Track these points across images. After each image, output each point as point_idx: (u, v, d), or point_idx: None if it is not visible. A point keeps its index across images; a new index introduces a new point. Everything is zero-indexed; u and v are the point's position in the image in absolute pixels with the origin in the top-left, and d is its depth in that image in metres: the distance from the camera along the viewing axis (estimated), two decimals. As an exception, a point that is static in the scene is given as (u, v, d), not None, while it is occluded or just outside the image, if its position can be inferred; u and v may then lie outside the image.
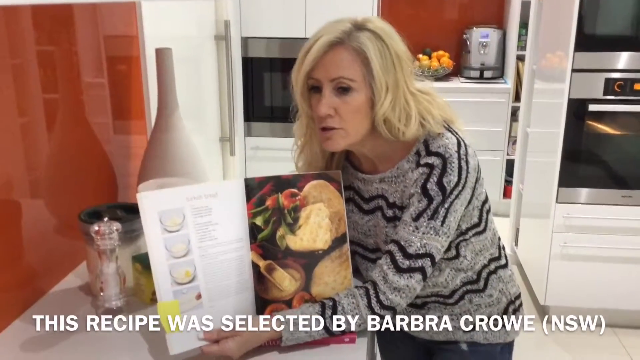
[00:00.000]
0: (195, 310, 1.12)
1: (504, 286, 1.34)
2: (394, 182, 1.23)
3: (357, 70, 1.12)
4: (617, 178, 2.72)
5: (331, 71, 1.13)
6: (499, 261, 1.34)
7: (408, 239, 1.16)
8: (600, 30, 2.57)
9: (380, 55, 1.11)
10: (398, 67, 1.13)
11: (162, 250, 1.09)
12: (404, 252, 1.16)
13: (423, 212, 1.15)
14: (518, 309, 1.38)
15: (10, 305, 1.24)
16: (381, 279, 1.16)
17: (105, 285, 1.22)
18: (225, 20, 2.69)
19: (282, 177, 1.20)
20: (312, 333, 1.13)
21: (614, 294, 2.80)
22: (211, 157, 2.77)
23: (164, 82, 1.55)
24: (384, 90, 1.12)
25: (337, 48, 1.12)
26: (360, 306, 1.15)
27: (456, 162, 1.15)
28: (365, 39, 1.11)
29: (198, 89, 2.61)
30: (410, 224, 1.16)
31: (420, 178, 1.16)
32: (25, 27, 1.29)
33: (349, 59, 1.12)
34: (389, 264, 1.16)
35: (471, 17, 4.35)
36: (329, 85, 1.14)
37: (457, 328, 1.32)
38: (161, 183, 1.47)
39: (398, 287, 1.16)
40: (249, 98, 3.62)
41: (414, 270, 1.16)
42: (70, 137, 1.49)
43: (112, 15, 1.67)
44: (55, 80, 1.42)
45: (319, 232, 1.20)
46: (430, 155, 1.16)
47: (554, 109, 2.73)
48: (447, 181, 1.14)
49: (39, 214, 1.38)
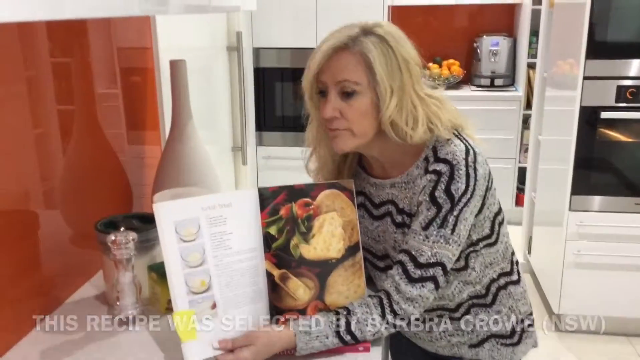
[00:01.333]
0: (210, 319, 1.13)
1: (514, 303, 1.32)
2: (404, 187, 1.23)
3: (362, 73, 1.13)
4: (630, 185, 2.70)
5: (336, 74, 1.14)
6: (510, 277, 1.32)
7: (419, 248, 1.16)
8: (612, 37, 2.56)
9: (385, 59, 1.12)
10: (405, 71, 1.14)
11: (178, 259, 1.10)
12: (415, 261, 1.16)
13: (432, 221, 1.15)
14: (527, 328, 1.35)
15: (27, 315, 1.26)
16: (394, 290, 1.16)
17: (121, 294, 1.23)
18: (237, 32, 2.72)
19: (295, 187, 1.21)
20: (326, 343, 1.13)
21: (628, 302, 2.77)
22: (223, 167, 2.79)
23: (178, 93, 1.56)
24: (388, 94, 1.13)
25: (342, 53, 1.14)
26: (374, 316, 1.15)
27: (464, 169, 1.14)
28: (369, 43, 1.12)
29: (210, 99, 2.63)
30: (420, 233, 1.16)
31: (429, 185, 1.16)
32: (39, 38, 1.31)
33: (354, 63, 1.13)
34: (401, 274, 1.16)
35: (481, 25, 4.35)
36: (334, 88, 1.15)
37: (461, 343, 1.31)
38: (176, 193, 1.48)
39: (411, 297, 1.15)
40: (260, 108, 3.64)
41: (426, 280, 1.15)
42: (85, 147, 1.50)
43: (126, 27, 1.69)
44: (70, 91, 1.44)
45: (332, 241, 1.21)
46: (438, 162, 1.16)
47: (565, 117, 2.73)
48: (455, 189, 1.14)
49: (55, 224, 1.39)
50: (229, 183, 2.87)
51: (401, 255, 1.18)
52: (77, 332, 1.23)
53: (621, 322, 2.85)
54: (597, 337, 2.86)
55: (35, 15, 0.70)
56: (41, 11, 0.71)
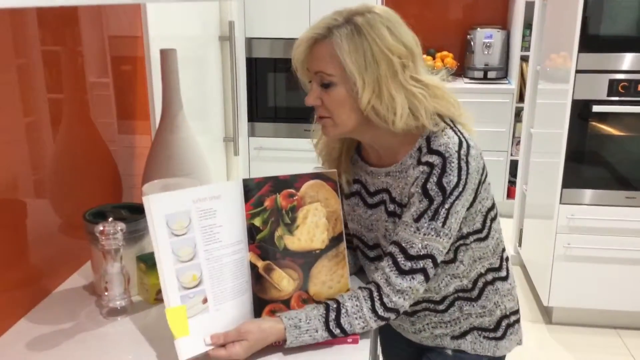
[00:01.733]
0: (201, 314, 1.12)
1: (500, 299, 1.32)
2: (397, 177, 1.23)
3: (336, 65, 1.13)
4: (621, 179, 2.71)
5: (313, 65, 1.17)
6: (499, 272, 1.32)
7: (409, 240, 1.16)
8: (605, 31, 2.57)
9: (357, 52, 1.11)
10: (382, 62, 1.12)
11: (169, 254, 1.09)
12: (406, 253, 1.16)
13: (424, 213, 1.15)
14: (513, 324, 1.35)
15: (15, 305, 1.25)
16: (384, 282, 1.17)
17: (109, 285, 1.23)
18: (230, 21, 2.70)
19: (279, 178, 1.20)
20: (315, 336, 1.13)
21: (617, 295, 2.80)
22: (215, 157, 2.78)
23: (169, 83, 1.55)
24: (360, 85, 1.13)
25: (318, 44, 1.15)
26: (363, 309, 1.15)
27: (456, 162, 1.14)
28: (342, 37, 1.12)
29: (202, 89, 2.62)
30: (412, 225, 1.16)
31: (421, 177, 1.16)
32: (30, 27, 1.30)
33: (328, 55, 1.14)
34: (391, 266, 1.16)
35: (475, 18, 4.35)
36: (314, 77, 1.18)
37: (444, 335, 1.32)
38: (166, 183, 1.47)
39: (401, 290, 1.16)
40: (252, 98, 3.63)
41: (416, 272, 1.16)
42: (75, 136, 1.49)
43: (117, 15, 1.67)
44: (60, 80, 1.43)
45: (316, 232, 1.21)
46: (431, 154, 1.16)
47: (557, 110, 2.73)
48: (447, 181, 1.14)
49: (43, 213, 1.38)
50: (220, 174, 2.86)
51: (391, 247, 1.18)
52: (65, 323, 1.23)
53: (610, 315, 2.88)
54: (586, 330, 2.88)
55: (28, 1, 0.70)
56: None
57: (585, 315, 2.90)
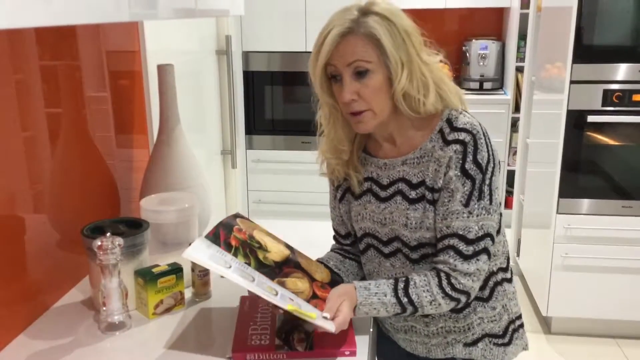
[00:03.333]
0: (301, 308, 1.16)
1: (508, 302, 1.34)
2: (417, 162, 1.24)
3: (371, 52, 1.16)
4: (617, 188, 2.72)
5: (347, 57, 1.16)
6: (505, 273, 1.34)
7: (465, 226, 1.18)
8: (599, 41, 2.59)
9: (390, 34, 1.16)
10: (408, 42, 1.17)
11: (240, 279, 1.13)
12: (465, 239, 1.19)
13: (471, 195, 1.18)
14: (517, 329, 1.37)
15: (14, 320, 1.25)
16: (449, 270, 1.20)
17: (107, 299, 1.23)
18: (227, 35, 2.72)
19: (222, 222, 1.26)
20: (384, 300, 1.19)
21: (615, 304, 2.80)
22: (213, 170, 2.79)
23: (166, 98, 1.57)
24: (399, 67, 1.16)
25: (349, 37, 1.16)
26: (431, 284, 1.19)
27: (483, 138, 1.19)
28: (373, 22, 1.15)
29: (200, 102, 2.63)
30: (463, 212, 1.18)
31: (456, 158, 1.18)
32: (28, 42, 1.31)
33: (362, 44, 1.16)
34: (455, 256, 1.19)
35: (470, 29, 4.38)
36: (347, 71, 1.17)
37: (457, 341, 1.31)
38: (163, 197, 1.48)
39: (469, 273, 1.19)
40: (250, 111, 3.64)
41: (480, 253, 1.19)
42: (73, 151, 1.50)
43: (114, 31, 1.69)
44: (58, 94, 1.44)
45: (275, 244, 1.28)
46: (458, 131, 1.19)
47: (553, 120, 2.75)
48: (481, 158, 1.18)
49: (42, 228, 1.38)
50: (218, 187, 2.87)
51: (448, 240, 1.20)
52: (63, 338, 1.23)
53: (609, 325, 2.87)
54: (586, 340, 2.88)
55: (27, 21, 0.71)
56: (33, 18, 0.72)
57: (584, 324, 2.89)
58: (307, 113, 1.30)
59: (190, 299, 1.39)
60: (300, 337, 1.19)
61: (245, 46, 3.51)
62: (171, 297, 1.32)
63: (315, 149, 1.36)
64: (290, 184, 3.70)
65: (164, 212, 1.40)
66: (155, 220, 1.39)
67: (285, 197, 3.73)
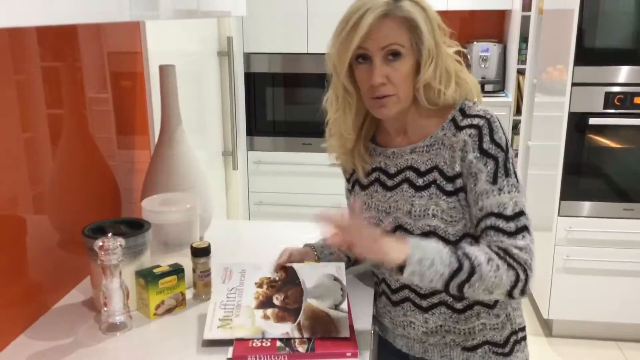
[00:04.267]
0: None
1: (512, 312, 1.32)
2: (427, 150, 1.24)
3: (406, 37, 1.17)
4: (619, 191, 2.72)
5: (381, 41, 1.16)
6: None
7: (500, 202, 1.14)
8: (600, 44, 2.59)
9: (424, 20, 1.17)
10: (437, 31, 1.19)
11: None
12: (503, 216, 1.14)
13: (497, 173, 1.16)
14: (520, 341, 1.34)
15: (15, 321, 1.25)
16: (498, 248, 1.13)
17: (108, 300, 1.22)
18: (228, 37, 2.72)
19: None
20: (442, 254, 1.11)
21: (617, 307, 2.79)
22: (214, 172, 2.78)
23: (167, 98, 1.56)
24: (431, 54, 1.17)
25: (385, 20, 1.16)
26: (483, 247, 1.14)
27: (498, 122, 1.19)
28: (409, 7, 1.16)
29: (201, 104, 2.63)
30: (493, 189, 1.15)
31: (472, 141, 1.17)
32: (29, 43, 1.31)
33: (398, 27, 1.16)
34: (498, 234, 1.14)
35: (472, 32, 4.38)
36: (378, 54, 1.17)
37: (455, 344, 1.30)
38: (165, 198, 1.48)
39: (519, 246, 1.13)
40: (251, 113, 3.64)
41: (522, 230, 1.14)
42: (74, 152, 1.50)
43: (116, 31, 1.69)
44: (60, 95, 1.43)
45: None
46: (471, 117, 1.19)
47: (554, 123, 2.74)
48: (499, 138, 1.17)
49: (43, 229, 1.38)
50: (219, 188, 2.87)
51: (485, 221, 1.15)
52: (64, 339, 1.23)
53: (610, 327, 2.87)
54: (587, 342, 2.88)
55: (28, 20, 0.71)
56: (34, 17, 0.72)
57: (585, 327, 2.89)
58: (308, 115, 1.31)
59: (191, 299, 1.38)
60: (301, 340, 1.18)
61: (247, 47, 3.51)
62: (172, 298, 1.32)
63: (317, 150, 1.36)
64: (292, 186, 3.69)
65: (166, 212, 1.40)
66: (157, 220, 1.39)
67: (286, 199, 3.73)
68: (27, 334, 1.25)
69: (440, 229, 1.20)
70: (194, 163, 1.62)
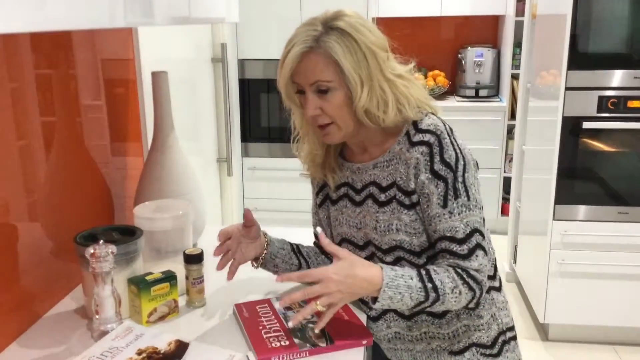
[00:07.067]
0: None
1: (497, 312, 1.32)
2: (386, 165, 1.25)
3: (332, 72, 1.16)
4: (613, 195, 2.73)
5: (308, 76, 1.18)
6: (493, 282, 1.32)
7: (450, 226, 1.18)
8: (593, 48, 2.60)
9: (350, 53, 1.15)
10: (370, 58, 1.16)
11: None
12: (456, 240, 1.18)
13: (446, 196, 1.18)
14: (509, 341, 1.34)
15: (6, 329, 1.24)
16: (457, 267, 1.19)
17: (100, 308, 1.22)
18: (222, 43, 2.72)
19: None
20: (409, 284, 1.15)
21: (613, 311, 2.79)
22: (208, 178, 2.78)
23: (160, 105, 1.56)
24: (359, 86, 1.16)
25: (310, 55, 1.17)
26: (450, 271, 1.18)
27: (448, 138, 1.19)
28: (333, 42, 1.15)
29: (195, 110, 2.63)
30: (444, 213, 1.18)
31: (424, 160, 1.18)
32: (23, 50, 1.31)
33: (323, 63, 1.16)
34: (453, 258, 1.19)
35: (466, 37, 4.40)
36: (309, 88, 1.19)
37: (442, 349, 1.30)
38: (158, 205, 1.47)
39: (475, 268, 1.18)
40: (245, 119, 3.64)
41: (475, 250, 1.18)
42: (68, 159, 1.49)
43: (109, 38, 1.69)
44: (53, 103, 1.43)
45: None
46: (422, 133, 1.20)
47: (548, 127, 2.75)
48: (449, 157, 1.18)
49: (35, 236, 1.38)
50: (213, 195, 2.86)
51: (440, 244, 1.20)
52: (57, 347, 1.22)
53: (606, 331, 2.87)
54: (583, 346, 2.87)
55: (22, 27, 0.70)
56: (28, 23, 0.72)
57: (581, 331, 2.89)
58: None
59: (184, 306, 1.38)
60: (317, 334, 1.20)
61: (241, 54, 3.52)
62: (165, 305, 1.31)
63: None
64: (287, 191, 3.69)
65: (158, 219, 1.40)
66: (149, 227, 1.38)
67: (281, 205, 3.73)
68: (19, 342, 1.25)
69: (406, 242, 1.23)
70: (187, 169, 1.62)
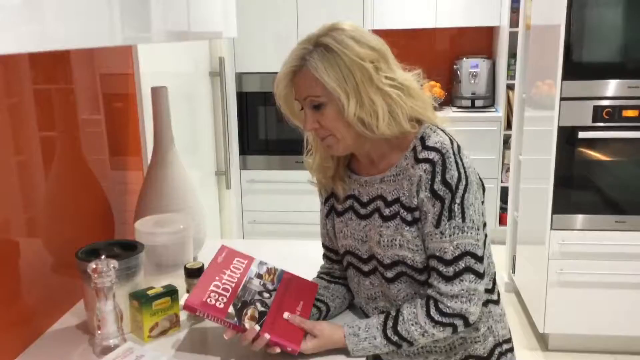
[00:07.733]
0: None
1: (494, 324, 1.32)
2: (393, 180, 1.25)
3: (319, 88, 1.18)
4: (610, 204, 2.74)
5: (301, 93, 1.21)
6: (491, 295, 1.32)
7: (440, 247, 1.19)
8: (587, 58, 2.62)
9: (332, 68, 1.16)
10: (356, 71, 1.16)
11: None
12: (443, 261, 1.19)
13: (441, 216, 1.18)
14: (505, 353, 1.34)
15: (8, 345, 1.24)
16: (436, 293, 1.20)
17: (102, 323, 1.22)
18: (220, 57, 2.74)
19: None
20: (375, 343, 1.21)
21: (612, 320, 2.79)
22: (207, 191, 2.78)
23: (160, 120, 1.57)
24: (345, 99, 1.17)
25: (299, 74, 1.20)
26: (419, 316, 1.20)
27: (452, 157, 1.19)
28: (315, 60, 1.17)
29: (193, 124, 2.64)
30: (436, 233, 1.19)
31: (426, 178, 1.18)
32: (22, 66, 1.31)
33: (309, 81, 1.19)
34: (437, 278, 1.20)
35: (461, 48, 4.42)
36: (305, 104, 1.22)
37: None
38: (158, 219, 1.48)
39: (454, 295, 1.19)
40: (244, 132, 3.65)
41: (461, 273, 1.18)
42: (67, 174, 1.50)
43: (108, 54, 1.70)
44: (52, 118, 1.44)
45: None
46: (428, 150, 1.20)
47: (544, 137, 2.77)
48: (450, 177, 1.17)
49: (36, 252, 1.38)
50: (212, 208, 2.86)
51: (430, 260, 1.21)
52: (58, 363, 1.22)
53: (606, 340, 2.87)
54: (583, 356, 2.87)
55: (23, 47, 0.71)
56: (29, 43, 0.72)
57: (581, 341, 2.89)
58: (301, 133, 1.32)
59: (185, 321, 1.38)
60: (253, 315, 1.20)
61: (239, 67, 3.53)
62: (166, 320, 1.31)
63: None
64: (285, 204, 3.69)
65: (159, 234, 1.40)
66: (150, 242, 1.39)
67: (280, 217, 3.73)
68: (21, 358, 1.24)
69: (408, 259, 1.23)
70: (187, 184, 1.62)
